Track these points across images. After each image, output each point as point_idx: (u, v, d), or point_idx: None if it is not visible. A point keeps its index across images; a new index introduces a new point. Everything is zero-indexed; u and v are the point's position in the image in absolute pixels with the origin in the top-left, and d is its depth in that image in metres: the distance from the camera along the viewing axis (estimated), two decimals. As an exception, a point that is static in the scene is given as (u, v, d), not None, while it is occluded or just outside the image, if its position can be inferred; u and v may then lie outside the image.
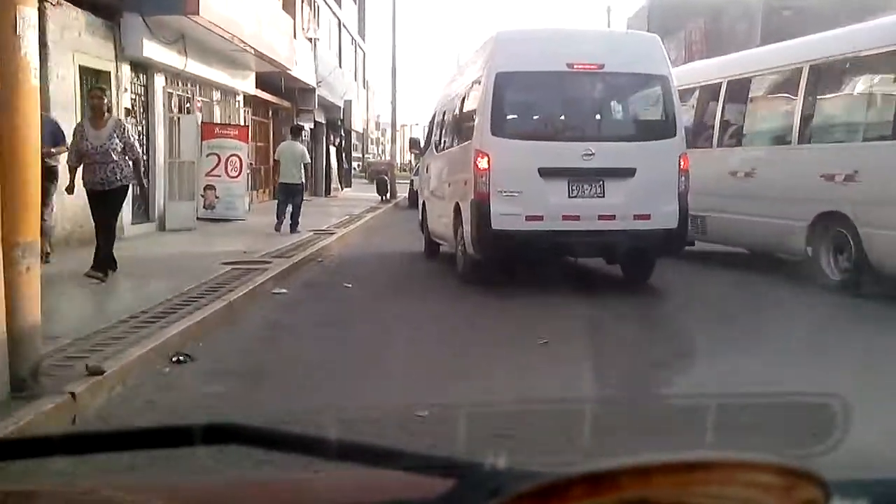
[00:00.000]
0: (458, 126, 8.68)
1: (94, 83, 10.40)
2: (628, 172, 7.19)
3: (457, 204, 7.98)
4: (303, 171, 12.94)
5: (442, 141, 9.73)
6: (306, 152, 13.41)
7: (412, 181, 23.01)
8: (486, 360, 4.66)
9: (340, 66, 29.54)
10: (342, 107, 29.56)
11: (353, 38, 33.92)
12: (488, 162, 7.12)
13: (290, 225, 12.53)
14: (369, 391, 3.88)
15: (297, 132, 14.10)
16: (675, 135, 7.48)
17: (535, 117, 7.79)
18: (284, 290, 7.38)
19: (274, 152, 20.48)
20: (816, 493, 0.56)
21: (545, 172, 7.12)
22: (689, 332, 5.58)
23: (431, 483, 0.70)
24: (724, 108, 9.55)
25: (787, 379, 3.90)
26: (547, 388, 3.79)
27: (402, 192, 26.62)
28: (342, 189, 31.42)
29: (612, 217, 7.12)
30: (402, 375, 4.14)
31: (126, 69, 11.34)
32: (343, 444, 0.73)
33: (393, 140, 30.86)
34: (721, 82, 9.65)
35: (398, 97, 32.29)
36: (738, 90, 9.36)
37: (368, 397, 3.71)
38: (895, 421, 3.11)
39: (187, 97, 13.37)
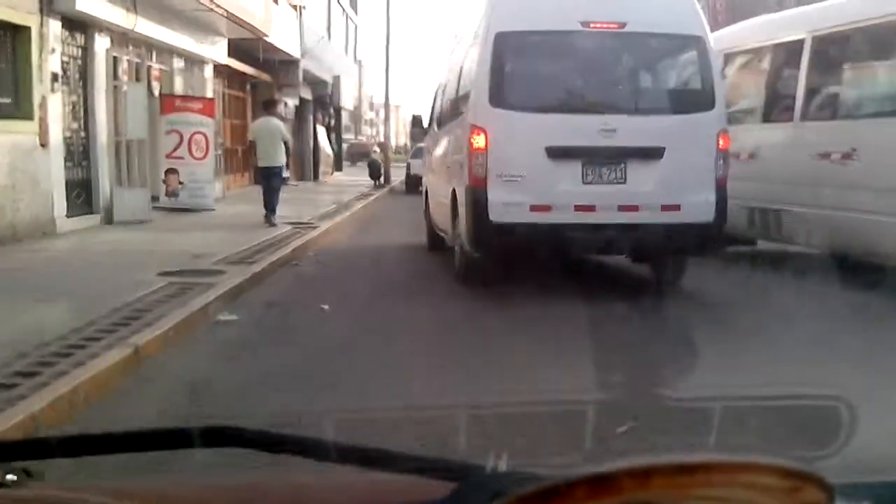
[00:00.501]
0: (456, 99, 7.45)
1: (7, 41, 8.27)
2: (655, 153, 6.09)
3: (453, 190, 6.83)
4: (283, 150, 11.00)
5: (442, 117, 8.47)
6: (284, 128, 11.48)
7: (409, 164, 22.31)
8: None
9: (329, 38, 27.26)
10: (331, 83, 27.36)
11: (343, 10, 31.60)
12: (485, 139, 6.03)
13: (266, 213, 10.71)
14: None
15: (271, 106, 12.04)
16: (712, 107, 6.25)
17: (542, 86, 6.49)
18: (234, 317, 5.29)
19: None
20: (820, 496, 0.55)
21: (554, 152, 6.01)
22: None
23: (432, 486, 0.70)
24: (809, 70, 7.44)
25: None
26: None
27: (399, 176, 24.70)
28: (332, 172, 29.25)
29: (636, 208, 6.04)
30: None
31: (55, 26, 9.14)
32: (343, 447, 0.73)
33: (386, 119, 28.54)
34: (804, 38, 7.53)
35: (393, 74, 30.13)
36: (832, 47, 7.28)
37: None
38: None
39: (137, 62, 11.13)
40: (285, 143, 11.09)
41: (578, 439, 1.17)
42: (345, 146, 44.19)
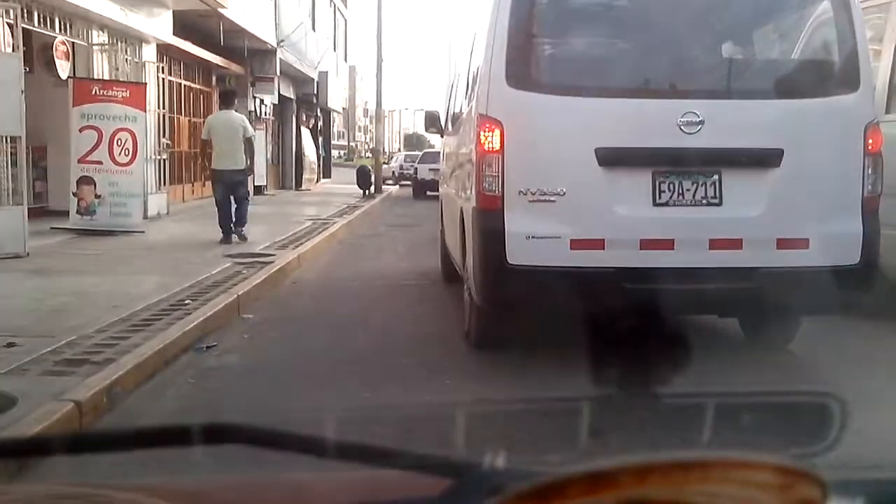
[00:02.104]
0: (466, 84, 5.55)
1: None
2: (768, 158, 4.13)
3: (461, 211, 5.00)
4: (243, 150, 9.05)
5: (454, 112, 6.49)
6: (248, 124, 9.36)
7: (416, 169, 22.08)
8: None
9: (314, 29, 24.02)
10: (316, 80, 24.11)
11: (330, 0, 28.34)
12: (501, 138, 4.10)
13: (236, 231, 9.05)
14: None
15: (230, 98, 9.70)
16: (856, 87, 4.23)
17: (588, 54, 4.59)
18: None
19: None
20: (814, 492, 0.55)
21: (610, 157, 4.07)
22: None
23: (430, 483, 0.70)
24: None
25: None
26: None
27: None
28: (317, 180, 25.97)
29: (737, 244, 4.11)
30: None
31: None
32: (342, 444, 0.74)
33: (377, 121, 25.26)
34: None
35: (390, 80, 27.01)
36: None
37: None
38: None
39: (9, 23, 7.72)
40: (248, 142, 9.09)
41: (576, 435, 1.16)
42: (340, 153, 40.83)
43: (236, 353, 4.53)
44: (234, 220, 9.02)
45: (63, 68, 9.29)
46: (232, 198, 8.98)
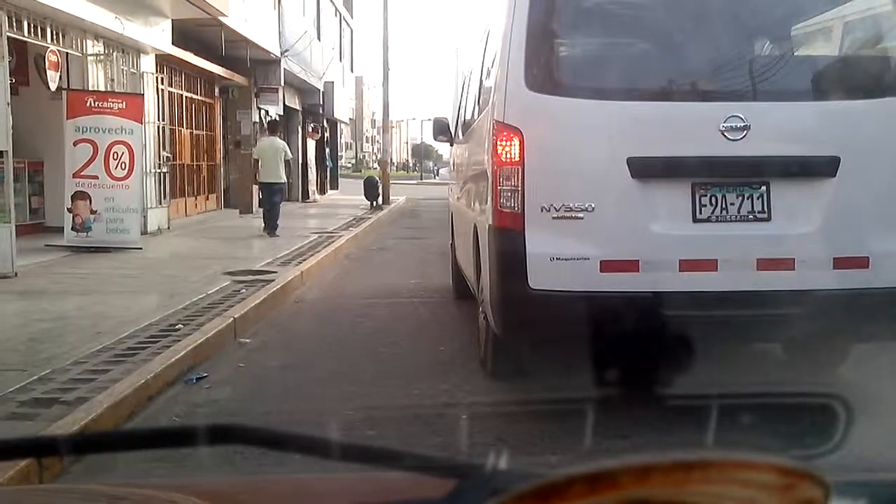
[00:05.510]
0: (480, 89, 5.14)
1: None
2: (822, 167, 3.70)
3: (474, 228, 4.57)
4: (283, 168, 11.81)
5: (466, 119, 6.04)
6: (288, 149, 12.23)
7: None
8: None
9: (319, 39, 23.70)
10: (322, 90, 23.77)
11: (336, 10, 28.05)
12: (520, 147, 3.69)
13: (269, 228, 11.53)
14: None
15: (274, 128, 12.75)
16: None
17: (616, 52, 4.12)
18: None
19: (222, 142, 17.28)
20: (817, 493, 0.55)
21: (643, 168, 3.63)
22: None
23: (432, 483, 0.70)
24: None
25: None
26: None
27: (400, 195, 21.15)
28: (320, 193, 25.58)
29: (789, 264, 3.66)
30: None
31: None
32: (345, 445, 0.73)
33: (384, 131, 24.81)
34: None
35: (398, 91, 26.69)
36: None
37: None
38: None
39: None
40: (287, 162, 11.91)
41: (577, 436, 1.11)
42: (347, 163, 40.50)
43: (228, 386, 4.10)
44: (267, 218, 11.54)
45: (53, 79, 8.92)
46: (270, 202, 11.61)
